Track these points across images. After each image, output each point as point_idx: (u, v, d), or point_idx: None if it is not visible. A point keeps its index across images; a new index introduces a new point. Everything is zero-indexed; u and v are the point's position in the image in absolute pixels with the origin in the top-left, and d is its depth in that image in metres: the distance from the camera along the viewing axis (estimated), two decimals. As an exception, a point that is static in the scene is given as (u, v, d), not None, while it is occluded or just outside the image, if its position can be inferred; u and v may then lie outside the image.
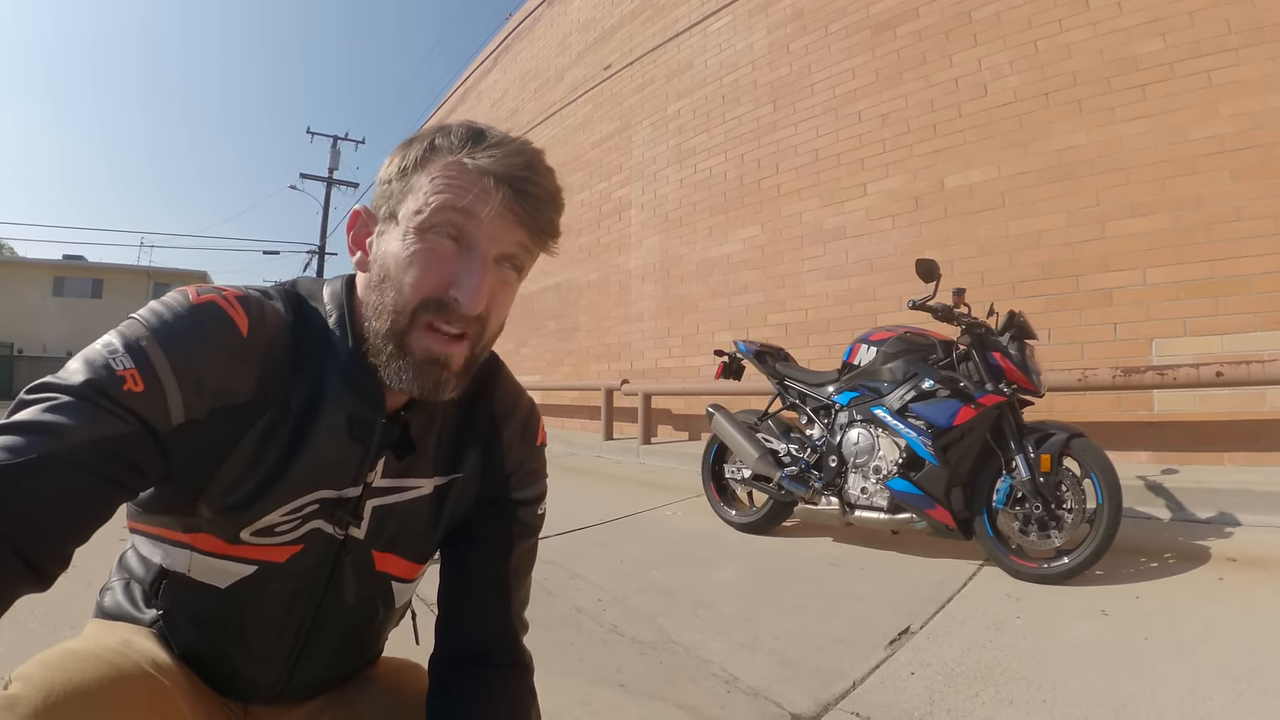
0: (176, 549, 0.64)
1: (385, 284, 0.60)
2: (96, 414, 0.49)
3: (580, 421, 7.48)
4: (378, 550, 0.71)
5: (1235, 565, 2.26)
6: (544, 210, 0.62)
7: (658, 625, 1.98)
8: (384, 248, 0.62)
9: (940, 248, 4.39)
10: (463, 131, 0.62)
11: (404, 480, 0.70)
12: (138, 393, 0.51)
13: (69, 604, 1.78)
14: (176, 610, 0.67)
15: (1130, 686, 1.48)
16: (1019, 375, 2.44)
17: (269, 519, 0.62)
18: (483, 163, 0.59)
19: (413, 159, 0.61)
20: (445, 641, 0.73)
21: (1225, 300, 3.37)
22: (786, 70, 5.66)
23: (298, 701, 0.75)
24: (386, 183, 0.63)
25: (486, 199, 0.59)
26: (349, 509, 0.67)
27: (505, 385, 0.79)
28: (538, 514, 0.80)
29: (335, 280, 0.69)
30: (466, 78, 12.23)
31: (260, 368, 0.60)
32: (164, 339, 0.54)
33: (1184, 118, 3.55)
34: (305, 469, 0.62)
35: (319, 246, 21.87)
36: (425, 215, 0.59)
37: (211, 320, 0.57)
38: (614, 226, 7.42)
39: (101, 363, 0.52)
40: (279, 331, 0.62)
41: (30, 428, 0.47)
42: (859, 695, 1.54)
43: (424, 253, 0.59)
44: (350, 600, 0.71)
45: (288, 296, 0.65)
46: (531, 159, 0.61)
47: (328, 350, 0.64)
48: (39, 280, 25.61)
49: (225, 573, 0.64)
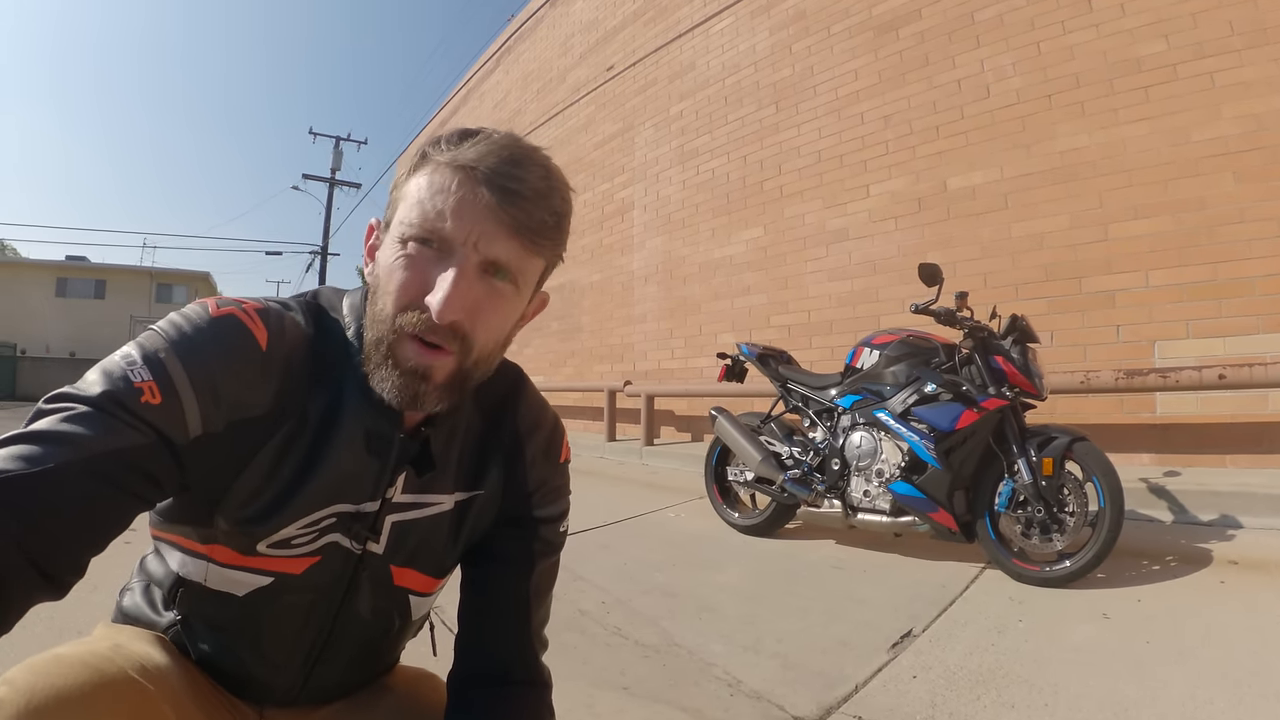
0: (193, 559, 0.65)
1: (376, 293, 0.60)
2: (114, 425, 0.49)
3: (583, 423, 7.49)
4: (396, 565, 0.70)
5: (1237, 568, 2.26)
6: (531, 210, 0.57)
7: (661, 628, 1.99)
8: (378, 258, 0.61)
9: (943, 250, 4.39)
10: (453, 134, 0.60)
11: (424, 496, 0.70)
12: (155, 405, 0.51)
13: (75, 608, 1.79)
14: (193, 616, 0.68)
15: (1132, 690, 1.49)
16: (1021, 379, 2.45)
17: (286, 532, 0.62)
18: (461, 159, 0.57)
19: (408, 167, 0.61)
20: (464, 659, 0.73)
21: (1228, 302, 3.36)
22: (789, 71, 5.67)
23: (313, 706, 0.75)
24: (390, 194, 0.63)
25: (463, 198, 0.56)
26: (367, 524, 0.67)
27: (529, 401, 0.77)
28: (560, 532, 0.79)
29: (355, 292, 0.68)
30: (469, 79, 12.24)
31: (279, 381, 0.59)
32: (182, 352, 0.54)
33: (1187, 119, 3.55)
34: (322, 483, 0.62)
35: (321, 247, 21.91)
36: (407, 221, 0.58)
37: (230, 333, 0.57)
38: (617, 228, 7.43)
39: (120, 374, 0.52)
40: (298, 344, 0.61)
41: (47, 438, 0.47)
42: (861, 698, 1.54)
43: (403, 260, 0.57)
44: (367, 613, 0.71)
45: (308, 308, 0.65)
46: (515, 153, 0.58)
47: (346, 363, 0.63)
48: (42, 281, 25.65)
49: (242, 583, 0.64)
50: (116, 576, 0.76)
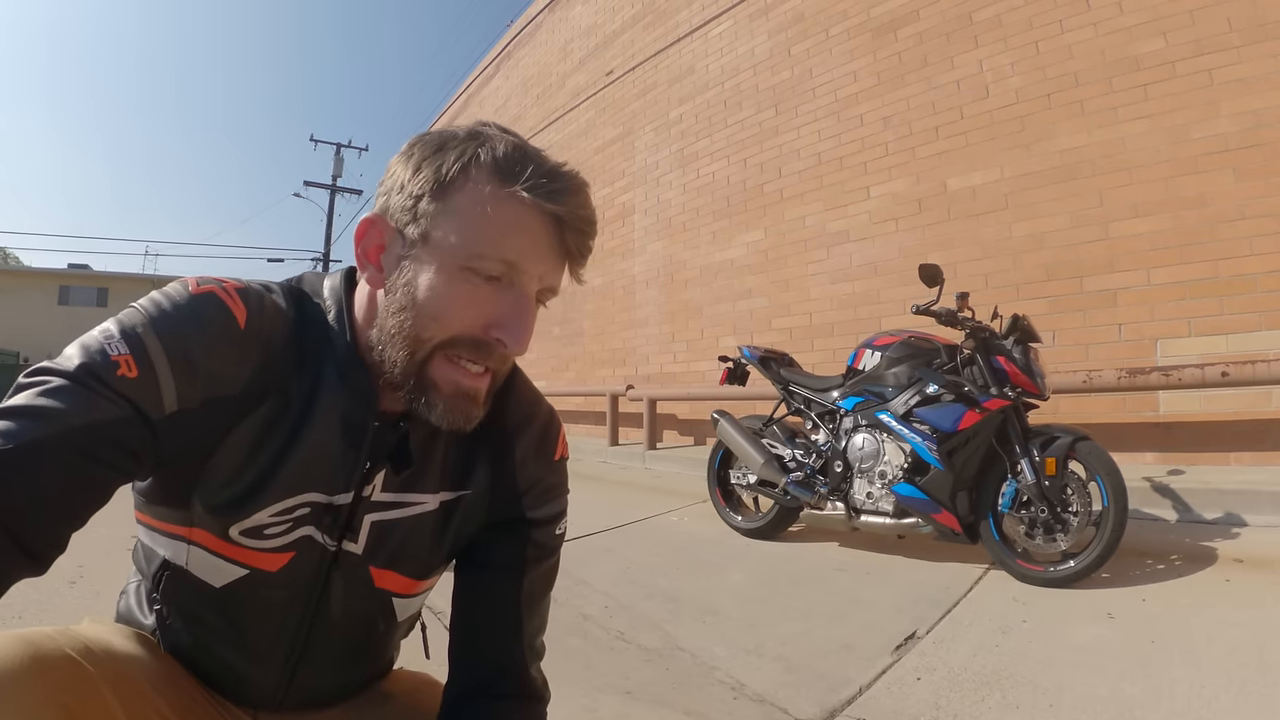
0: (175, 542, 0.64)
1: (408, 312, 0.58)
2: (89, 398, 0.49)
3: (586, 427, 7.49)
4: (376, 566, 0.69)
5: (1242, 566, 2.25)
6: (588, 243, 0.61)
7: (664, 632, 1.99)
8: (414, 275, 0.58)
9: (944, 250, 4.39)
10: (508, 149, 0.58)
11: (406, 495, 0.68)
12: (131, 378, 0.52)
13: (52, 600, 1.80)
14: (175, 609, 0.67)
15: (1137, 690, 1.48)
16: (1023, 379, 2.44)
17: (258, 518, 0.61)
18: (544, 203, 0.57)
19: (450, 173, 0.57)
20: (454, 670, 0.72)
21: (1230, 300, 3.36)
22: (788, 74, 5.67)
23: (308, 711, 0.73)
24: (415, 197, 0.58)
25: (544, 243, 0.58)
26: (341, 518, 0.65)
27: (520, 393, 0.74)
28: (555, 534, 0.76)
29: (334, 275, 0.68)
30: (469, 84, 12.28)
31: (257, 360, 0.59)
32: (160, 327, 0.54)
33: (1186, 117, 3.54)
34: (296, 467, 0.61)
35: (323, 254, 21.98)
36: (474, 253, 0.56)
37: (209, 310, 0.57)
38: (618, 232, 7.44)
39: (97, 348, 0.52)
40: (278, 325, 0.61)
41: (24, 412, 0.47)
42: (865, 701, 1.54)
43: (467, 292, 0.57)
44: (346, 613, 0.69)
45: (290, 292, 0.65)
46: (586, 195, 0.60)
47: (326, 347, 0.63)
48: (44, 289, 25.81)
49: (220, 571, 0.64)
50: (116, 576, 0.76)
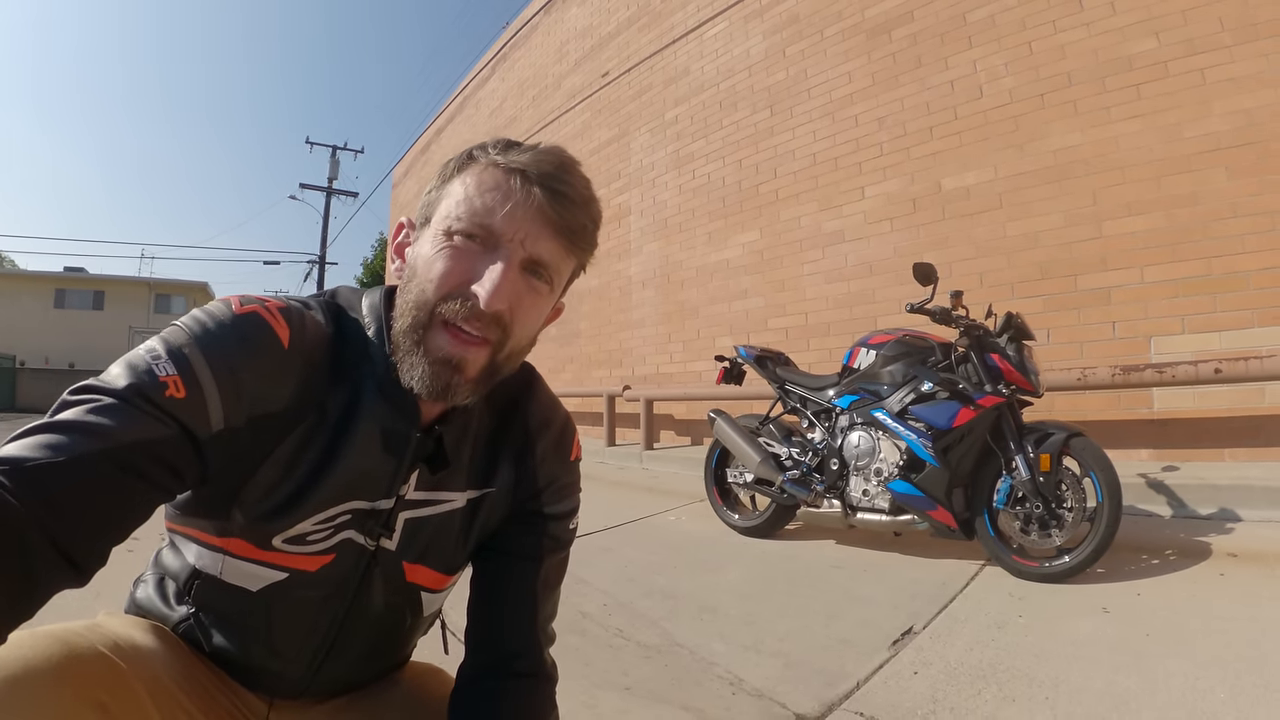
0: (210, 551, 0.66)
1: (411, 283, 0.62)
2: (138, 417, 0.50)
3: (583, 428, 7.49)
4: (408, 562, 0.72)
5: (1236, 560, 2.27)
6: (576, 213, 0.62)
7: (663, 629, 2.00)
8: (416, 251, 0.63)
9: (939, 250, 4.41)
10: (498, 142, 0.63)
11: (437, 493, 0.71)
12: (179, 399, 0.52)
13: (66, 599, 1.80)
14: (206, 609, 0.68)
15: (1132, 683, 1.50)
16: (1017, 376, 2.46)
17: (301, 527, 0.63)
18: (514, 162, 0.60)
19: (451, 168, 0.64)
20: (472, 651, 0.74)
21: (1223, 297, 3.38)
22: (783, 75, 5.70)
23: (321, 699, 0.76)
24: (427, 194, 0.65)
25: (515, 197, 0.60)
26: (381, 520, 0.68)
27: (540, 398, 0.78)
28: (569, 529, 0.80)
29: (374, 292, 0.70)
30: (465, 86, 12.28)
31: (300, 378, 0.61)
32: (206, 347, 0.55)
33: (1179, 116, 3.57)
34: (339, 479, 0.63)
35: (319, 256, 21.95)
36: (454, 215, 0.60)
37: (254, 330, 0.58)
38: (614, 233, 7.45)
39: (145, 368, 0.53)
40: (319, 342, 0.63)
41: (73, 427, 0.48)
42: (862, 695, 1.55)
43: (448, 250, 0.60)
44: (378, 608, 0.72)
45: (328, 308, 0.67)
46: (563, 160, 0.62)
47: (366, 362, 0.65)
48: (40, 292, 25.71)
49: (256, 577, 0.65)
50: (116, 576, 0.76)
